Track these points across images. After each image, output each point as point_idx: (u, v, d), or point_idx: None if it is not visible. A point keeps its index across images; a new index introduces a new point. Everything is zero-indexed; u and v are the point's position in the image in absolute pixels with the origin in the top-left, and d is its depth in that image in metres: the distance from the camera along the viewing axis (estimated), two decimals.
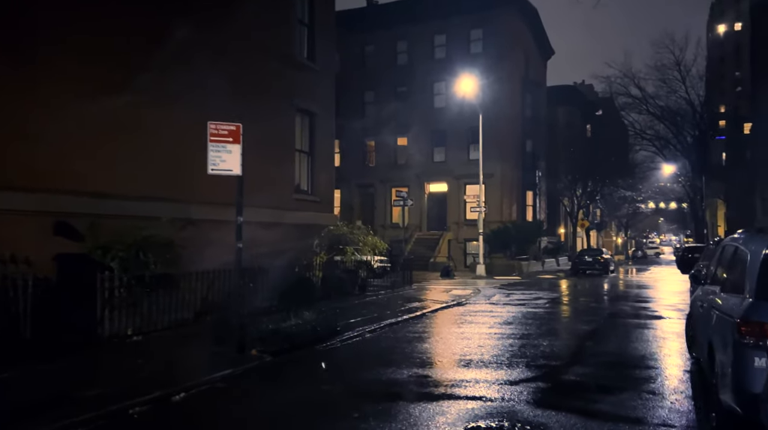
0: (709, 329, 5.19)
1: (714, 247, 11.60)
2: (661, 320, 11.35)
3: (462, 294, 16.94)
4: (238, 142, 8.12)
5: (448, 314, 12.78)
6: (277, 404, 5.88)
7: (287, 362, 7.72)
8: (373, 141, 38.55)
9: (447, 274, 28.04)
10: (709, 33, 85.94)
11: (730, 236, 6.00)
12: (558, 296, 16.70)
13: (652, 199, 70.17)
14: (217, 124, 8.04)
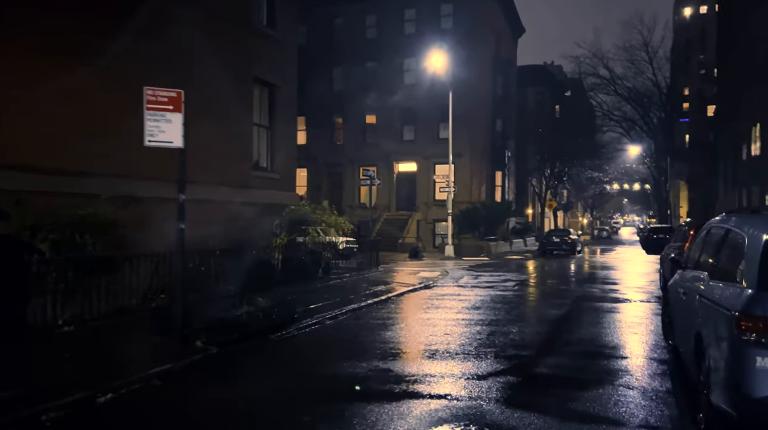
0: (695, 319, 4.70)
1: (685, 227, 11.31)
2: (631, 304, 11.04)
3: (430, 276, 16.44)
4: (179, 110, 7.25)
5: (414, 298, 12.24)
6: (217, 406, 5.19)
7: (235, 355, 7.02)
8: (341, 118, 37.53)
9: (415, 255, 27.59)
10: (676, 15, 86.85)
11: (718, 217, 5.52)
12: (526, 278, 16.37)
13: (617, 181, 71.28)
14: (156, 90, 7.14)
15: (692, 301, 4.97)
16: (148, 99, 7.10)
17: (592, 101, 54.92)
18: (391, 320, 9.33)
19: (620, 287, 13.93)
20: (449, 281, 15.41)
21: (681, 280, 6.05)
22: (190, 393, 5.63)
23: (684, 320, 5.50)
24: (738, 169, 38.73)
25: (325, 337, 8.36)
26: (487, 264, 22.72)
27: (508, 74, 39.46)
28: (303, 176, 38.86)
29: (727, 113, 42.22)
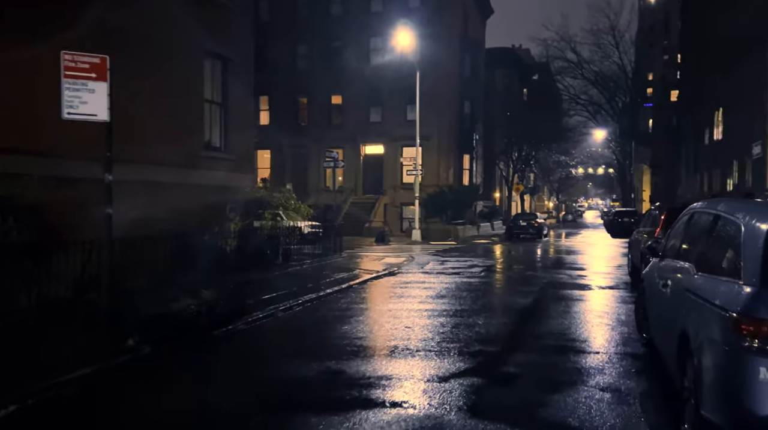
0: (679, 315, 4.19)
1: (656, 212, 10.97)
2: (600, 291, 10.68)
3: (395, 262, 15.87)
4: (104, 79, 6.35)
5: (377, 286, 11.63)
6: (138, 422, 4.46)
7: (170, 355, 6.27)
8: (305, 98, 36.41)
9: (382, 239, 27.03)
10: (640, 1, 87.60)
11: (702, 202, 5.02)
12: (493, 264, 15.96)
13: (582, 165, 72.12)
14: (75, 55, 6.23)
15: (676, 294, 4.47)
16: (66, 65, 6.19)
17: (559, 85, 55.04)
18: (350, 312, 8.69)
19: (587, 273, 13.63)
20: (414, 267, 14.86)
21: (659, 269, 5.57)
22: (107, 404, 4.88)
23: (664, 315, 5.02)
24: (700, 154, 39.34)
25: (276, 332, 7.67)
26: (454, 249, 22.31)
27: (476, 55, 38.91)
28: (266, 158, 37.74)
29: (691, 98, 42.78)
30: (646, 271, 6.60)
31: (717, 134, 34.56)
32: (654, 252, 6.06)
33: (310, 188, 35.40)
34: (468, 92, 37.47)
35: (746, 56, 27.78)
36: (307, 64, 35.66)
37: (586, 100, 54.12)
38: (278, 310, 8.70)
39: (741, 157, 28.91)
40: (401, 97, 33.18)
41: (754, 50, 26.54)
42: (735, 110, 29.92)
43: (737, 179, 29.91)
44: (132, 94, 10.41)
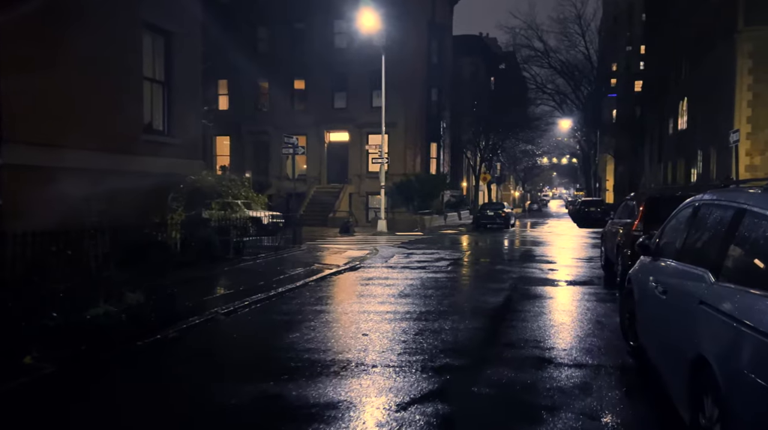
0: (693, 334, 3.37)
1: (633, 202, 10.29)
2: (574, 288, 9.98)
3: (358, 255, 14.92)
4: None
5: (335, 283, 10.66)
6: None
7: (78, 375, 5.19)
8: (266, 83, 34.89)
9: (346, 230, 26.06)
10: None
11: (711, 193, 4.22)
12: (461, 256, 15.19)
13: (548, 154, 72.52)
14: None
15: (685, 306, 3.65)
16: None
17: (525, 74, 54.85)
18: (301, 315, 7.71)
19: (558, 267, 12.98)
20: (378, 261, 13.95)
21: (655, 271, 4.77)
22: None
23: (664, 327, 4.22)
24: (664, 144, 39.59)
25: (212, 341, 6.63)
26: (421, 240, 21.51)
27: (443, 42, 38.04)
28: (226, 145, 36.18)
29: (655, 89, 43.00)
30: (634, 270, 5.82)
31: (681, 124, 34.70)
32: (645, 250, 5.27)
33: (272, 176, 34.03)
34: (435, 79, 36.60)
35: (712, 46, 27.71)
36: (269, 48, 34.12)
37: (553, 89, 54.16)
38: (219, 314, 7.65)
39: (706, 147, 28.97)
40: (367, 82, 32.05)
41: (721, 40, 26.46)
42: (700, 100, 29.95)
43: (701, 169, 30.04)
44: (49, 66, 9.12)
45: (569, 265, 13.22)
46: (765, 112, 23.88)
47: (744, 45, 24.02)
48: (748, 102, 24.17)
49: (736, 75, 24.42)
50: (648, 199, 9.57)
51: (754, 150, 24.29)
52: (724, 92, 25.83)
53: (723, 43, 25.89)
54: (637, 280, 5.51)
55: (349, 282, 10.68)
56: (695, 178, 31.41)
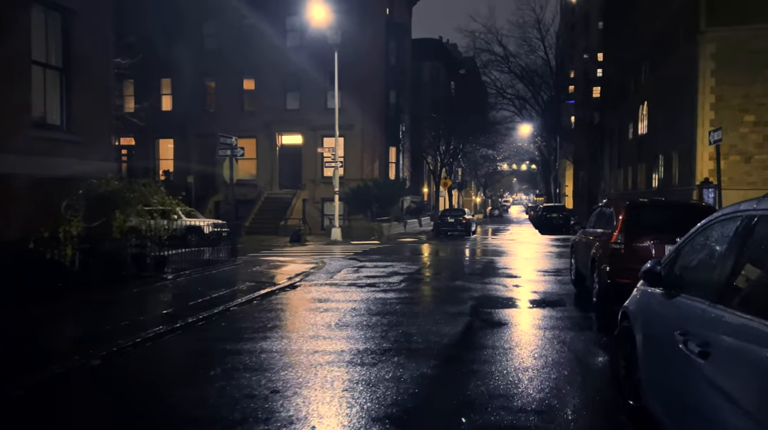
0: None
1: (609, 210, 8.93)
2: (546, 312, 8.51)
3: (301, 270, 13.17)
4: None
5: (263, 308, 8.90)
6: None
7: None
8: (213, 82, 32.75)
9: (297, 239, 24.24)
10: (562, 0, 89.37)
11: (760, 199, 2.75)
12: (417, 270, 13.63)
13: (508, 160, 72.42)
14: None
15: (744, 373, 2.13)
16: None
17: (485, 78, 54.29)
18: (204, 360, 5.95)
19: (524, 282, 11.57)
20: (323, 277, 12.24)
21: (678, 315, 3.28)
22: None
23: (705, 403, 2.70)
24: (624, 148, 39.29)
25: (69, 405, 4.80)
26: (377, 249, 19.91)
27: (402, 42, 36.70)
28: (170, 148, 33.80)
29: (614, 94, 42.86)
30: (633, 304, 4.34)
31: (642, 129, 34.34)
32: (654, 278, 3.77)
33: (219, 182, 31.81)
34: (394, 81, 35.19)
35: (674, 48, 27.22)
36: (216, 45, 31.99)
37: (513, 94, 53.77)
38: (93, 357, 5.80)
39: (668, 151, 28.46)
40: (321, 82, 30.36)
41: (683, 42, 25.97)
42: (661, 104, 29.49)
43: (663, 174, 29.55)
44: None
45: (535, 279, 11.83)
46: (728, 114, 23.36)
47: (706, 46, 23.49)
48: (711, 105, 23.62)
49: (698, 77, 23.87)
50: (629, 206, 8.23)
51: None
52: (686, 95, 25.30)
53: (685, 44, 25.38)
54: (639, 319, 4.01)
55: (278, 307, 8.94)
56: (657, 183, 30.94)
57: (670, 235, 7.62)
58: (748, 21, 22.93)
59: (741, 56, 23.07)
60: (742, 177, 23.39)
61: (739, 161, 23.35)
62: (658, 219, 8.01)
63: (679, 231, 7.80)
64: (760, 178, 23.23)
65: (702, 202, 10.23)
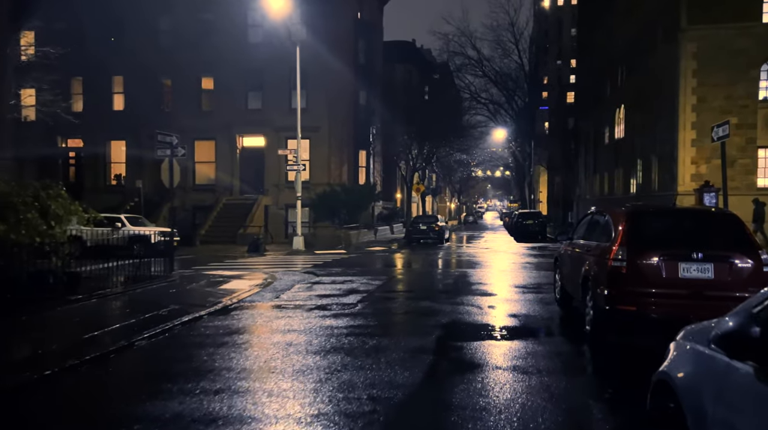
0: None
1: (604, 218, 7.37)
2: (529, 345, 6.86)
3: (243, 288, 11.34)
4: None
5: (175, 345, 7.07)
6: None
7: None
8: (170, 80, 30.61)
9: (256, 249, 22.31)
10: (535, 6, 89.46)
11: None
12: (380, 286, 11.92)
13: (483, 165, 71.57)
14: None
15: None
16: None
17: (459, 82, 53.14)
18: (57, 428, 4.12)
19: (500, 301, 9.97)
20: (267, 296, 10.44)
21: None
22: None
23: None
24: (600, 154, 38.37)
25: None
26: (340, 261, 18.16)
27: (372, 42, 35.14)
28: (122, 151, 31.47)
29: (589, 98, 42.04)
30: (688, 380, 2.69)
31: (619, 133, 33.37)
32: (742, 350, 2.12)
33: (175, 187, 29.64)
34: (364, 81, 33.55)
35: (652, 49, 26.22)
36: (173, 41, 29.88)
37: (487, 98, 52.73)
38: None
39: (646, 156, 27.42)
40: (285, 81, 28.51)
41: (662, 41, 24.95)
42: (639, 107, 28.48)
43: (642, 179, 28.52)
44: None
45: (513, 298, 10.23)
46: (711, 116, 22.29)
47: (687, 45, 22.45)
48: (692, 106, 22.56)
49: (679, 78, 22.79)
50: (631, 213, 6.67)
51: (699, 158, 22.68)
52: (667, 97, 24.24)
53: (665, 44, 24.35)
54: (709, 407, 2.36)
55: (197, 342, 7.12)
56: (635, 188, 29.91)
57: (683, 249, 6.09)
58: (730, 19, 22.00)
59: (723, 56, 22.11)
60: None
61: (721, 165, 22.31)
62: (668, 230, 6.49)
63: (694, 244, 6.27)
64: (744, 183, 22.25)
65: (713, 209, 8.90)
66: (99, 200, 31.36)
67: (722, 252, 6.06)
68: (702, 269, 6.01)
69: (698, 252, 5.96)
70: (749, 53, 21.91)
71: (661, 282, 6.11)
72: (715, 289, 6.01)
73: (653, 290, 6.14)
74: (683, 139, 22.70)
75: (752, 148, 22.31)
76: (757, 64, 22.05)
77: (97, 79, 30.64)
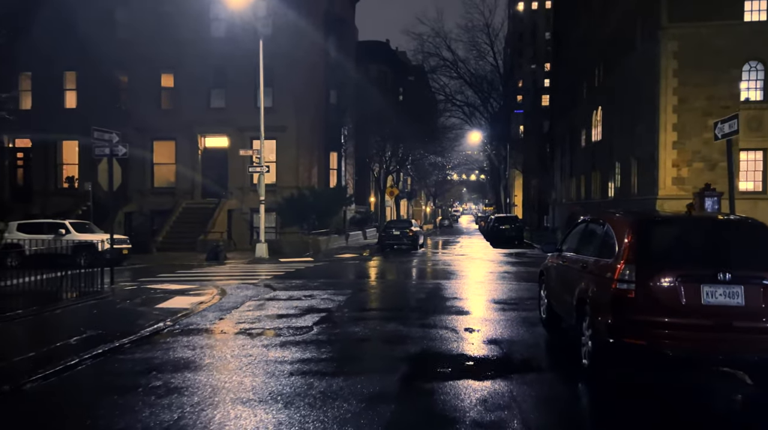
0: None
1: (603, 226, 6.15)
2: (514, 387, 5.61)
3: (184, 306, 9.85)
4: None
5: (74, 387, 5.60)
6: None
7: None
8: (126, 77, 28.73)
9: (215, 257, 20.77)
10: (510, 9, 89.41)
11: None
12: (342, 303, 10.56)
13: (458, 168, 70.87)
14: None
15: None
16: None
17: (434, 84, 52.13)
18: None
19: (478, 322, 8.71)
20: (210, 317, 8.99)
21: None
22: None
23: None
24: (576, 156, 37.71)
25: None
26: (305, 270, 16.74)
27: (344, 38, 33.76)
28: (75, 151, 29.45)
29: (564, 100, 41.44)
30: None
31: (596, 135, 32.68)
32: None
33: (132, 190, 27.88)
34: (335, 80, 32.18)
35: (631, 48, 25.48)
36: (130, 34, 28.04)
37: (462, 101, 51.88)
38: None
39: (625, 158, 26.66)
40: (251, 78, 26.84)
41: (642, 40, 24.21)
42: (617, 108, 27.73)
43: (620, 182, 27.77)
44: None
45: (492, 318, 8.97)
46: (692, 118, 21.60)
47: (668, 44, 21.67)
48: (673, 107, 21.77)
49: (659, 78, 21.99)
50: (639, 222, 5.43)
51: (681, 161, 21.91)
52: (646, 97, 23.46)
53: (645, 43, 23.58)
54: None
55: (101, 384, 5.67)
56: (613, 192, 29.16)
57: (706, 268, 4.89)
58: (711, 17, 21.32)
59: (704, 55, 21.42)
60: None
61: (703, 169, 21.62)
62: (685, 243, 5.28)
63: (719, 261, 5.03)
64: (726, 187, 21.53)
65: (737, 217, 7.81)
66: (50, 204, 29.31)
67: (755, 272, 4.88)
68: (730, 294, 4.82)
69: (725, 272, 4.77)
70: (730, 53, 21.27)
71: (678, 310, 4.90)
72: (746, 319, 4.83)
73: (669, 319, 4.93)
74: (664, 141, 21.93)
75: (734, 150, 21.62)
76: (738, 64, 21.44)
77: (47, 75, 28.61)
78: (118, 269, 17.78)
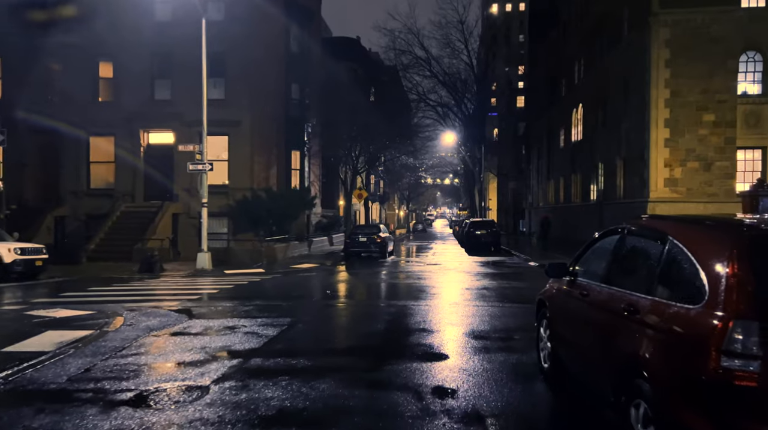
0: None
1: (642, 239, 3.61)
2: None
3: (46, 347, 7.12)
4: None
5: None
6: None
7: None
8: (59, 65, 25.56)
9: (149, 268, 17.94)
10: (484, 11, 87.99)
11: None
12: (270, 339, 7.93)
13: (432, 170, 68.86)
14: None
15: None
16: None
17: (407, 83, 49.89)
18: None
19: (455, 376, 6.20)
20: (71, 366, 6.28)
21: None
22: None
23: None
24: (555, 158, 35.76)
25: None
26: (246, 286, 14.05)
27: (307, 28, 31.11)
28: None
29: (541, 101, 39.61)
30: None
31: (576, 135, 30.73)
32: None
33: (65, 190, 24.74)
34: (297, 73, 29.49)
35: (617, 38, 23.50)
36: (62, 17, 24.89)
37: (436, 101, 49.78)
38: None
39: (610, 158, 24.65)
40: (199, 67, 24.08)
41: (630, 29, 22.23)
42: (600, 105, 25.75)
43: (604, 184, 25.79)
44: None
45: (474, 367, 6.43)
46: (686, 113, 19.60)
47: (660, 31, 19.64)
48: (665, 101, 19.74)
49: (650, 69, 19.96)
50: (750, 239, 2.98)
51: (673, 160, 19.89)
52: (635, 91, 21.44)
53: (633, 31, 21.55)
54: None
55: None
56: (595, 195, 27.17)
57: None
58: (706, 2, 19.42)
59: (699, 44, 19.50)
60: (701, 188, 19.67)
61: (698, 169, 19.65)
62: None
63: None
64: (722, 188, 19.63)
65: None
66: None
67: None
68: None
69: None
70: (727, 41, 19.42)
71: None
72: None
73: None
74: (655, 138, 19.93)
75: (731, 149, 19.78)
76: (736, 53, 19.60)
77: None
78: (27, 284, 14.88)
